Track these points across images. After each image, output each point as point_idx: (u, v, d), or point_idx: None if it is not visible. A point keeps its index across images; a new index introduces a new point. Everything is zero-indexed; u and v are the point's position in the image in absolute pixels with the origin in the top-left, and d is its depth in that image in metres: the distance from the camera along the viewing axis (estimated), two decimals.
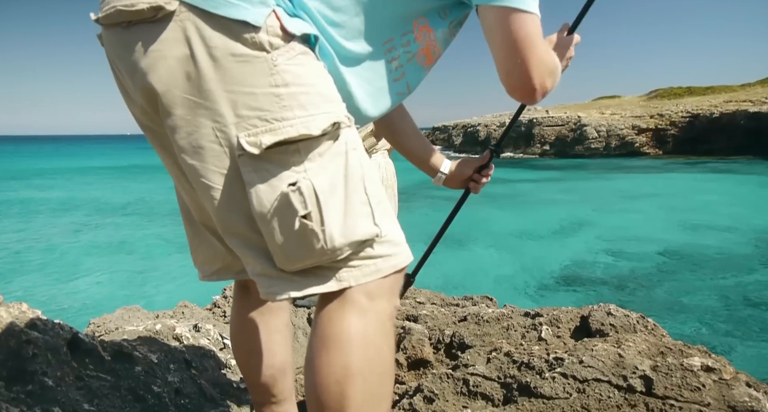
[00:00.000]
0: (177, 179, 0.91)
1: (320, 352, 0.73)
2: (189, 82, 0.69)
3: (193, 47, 0.68)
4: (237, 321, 1.08)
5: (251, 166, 0.70)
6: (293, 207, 0.69)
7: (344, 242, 0.71)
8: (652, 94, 48.87)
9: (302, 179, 0.69)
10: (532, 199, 18.08)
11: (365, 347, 0.73)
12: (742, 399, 1.20)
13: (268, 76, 0.69)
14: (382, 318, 0.75)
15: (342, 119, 0.73)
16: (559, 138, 39.16)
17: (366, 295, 0.74)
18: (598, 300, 7.35)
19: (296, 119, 0.69)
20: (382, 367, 0.75)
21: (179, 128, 0.72)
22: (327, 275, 0.73)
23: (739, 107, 33.80)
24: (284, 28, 0.70)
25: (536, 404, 1.32)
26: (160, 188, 24.42)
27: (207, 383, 1.56)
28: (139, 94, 0.74)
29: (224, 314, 2.90)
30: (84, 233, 14.28)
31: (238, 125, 0.69)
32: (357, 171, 0.74)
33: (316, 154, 0.71)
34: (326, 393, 0.71)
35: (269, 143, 0.68)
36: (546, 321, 1.73)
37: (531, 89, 0.83)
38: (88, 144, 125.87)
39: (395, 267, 0.76)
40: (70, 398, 1.14)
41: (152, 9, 0.68)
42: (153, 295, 8.69)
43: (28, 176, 32.27)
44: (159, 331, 1.69)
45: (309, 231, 0.69)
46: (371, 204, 0.75)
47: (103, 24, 0.75)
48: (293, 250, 0.71)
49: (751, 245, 11.24)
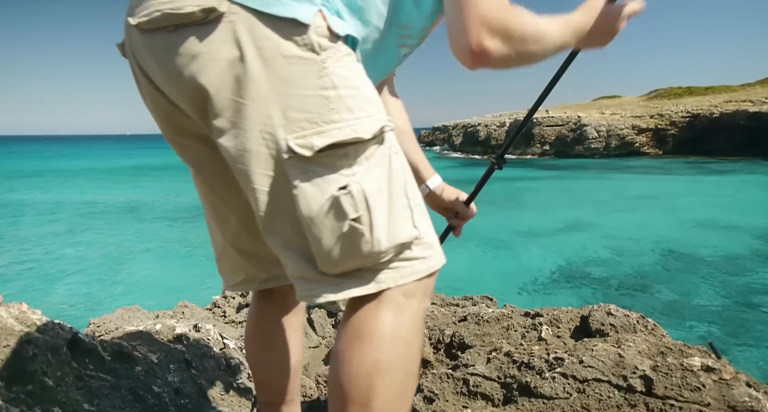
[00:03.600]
0: (202, 191, 0.93)
1: (352, 345, 0.73)
2: (238, 83, 0.69)
3: (243, 48, 0.68)
4: (254, 319, 1.08)
5: (299, 169, 0.69)
6: (344, 210, 0.69)
7: (389, 245, 0.72)
8: (652, 94, 48.90)
9: (353, 183, 0.69)
10: (532, 199, 18.08)
11: (397, 344, 0.73)
12: (742, 399, 1.20)
13: (318, 79, 0.69)
14: (416, 317, 0.76)
15: (386, 123, 0.74)
16: (559, 138, 39.17)
17: (403, 294, 0.75)
18: (598, 300, 7.36)
19: (344, 122, 0.70)
20: (410, 365, 0.76)
21: (227, 131, 0.71)
22: (366, 276, 0.73)
23: (739, 107, 33.81)
24: (330, 28, 0.70)
25: (536, 404, 1.32)
26: (160, 189, 24.42)
27: (207, 383, 1.56)
28: (186, 99, 0.73)
29: (224, 314, 2.90)
30: (84, 232, 14.28)
31: (286, 127, 0.69)
32: (400, 174, 0.75)
33: (363, 157, 0.71)
34: (354, 385, 0.72)
35: (322, 146, 0.68)
36: (546, 321, 1.73)
37: (466, 48, 0.73)
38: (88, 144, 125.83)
39: (430, 269, 0.77)
40: (70, 398, 1.14)
41: (204, 11, 0.67)
42: (153, 295, 8.68)
43: (28, 177, 32.28)
44: (159, 331, 1.69)
45: (358, 234, 0.70)
46: (411, 207, 0.76)
47: (143, 29, 0.73)
48: (339, 253, 0.71)
49: (751, 244, 11.24)
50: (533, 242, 12.08)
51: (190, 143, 0.86)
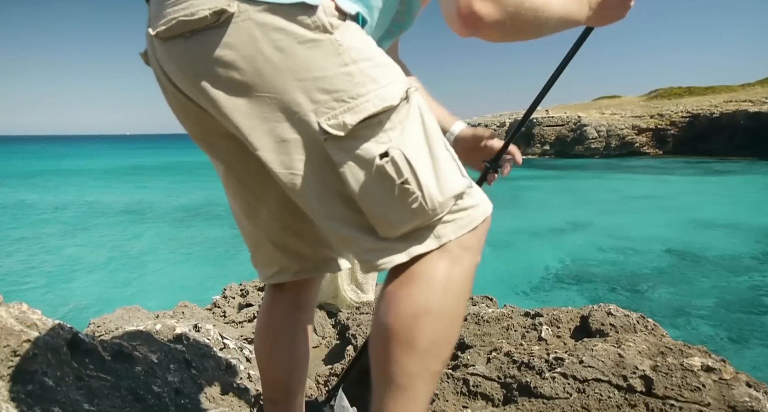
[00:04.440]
0: (232, 188, 0.94)
1: (404, 286, 0.75)
2: (261, 78, 0.70)
3: (258, 44, 0.69)
4: (265, 315, 1.09)
5: (339, 148, 0.71)
6: (390, 176, 0.70)
7: (442, 199, 0.73)
8: (652, 94, 48.90)
9: (391, 149, 0.70)
10: (532, 199, 18.08)
11: (448, 291, 0.75)
12: (742, 399, 1.20)
13: (336, 57, 0.70)
14: (468, 271, 0.78)
15: (410, 85, 0.75)
16: (559, 138, 39.18)
17: (460, 246, 0.76)
18: (598, 300, 7.35)
19: (370, 93, 0.71)
20: (456, 313, 0.78)
21: (258, 128, 0.72)
22: (425, 234, 0.75)
23: (739, 107, 33.83)
24: (339, 7, 0.71)
25: (536, 404, 1.32)
26: (161, 189, 24.44)
27: (207, 383, 1.56)
28: (211, 102, 0.74)
29: (224, 314, 2.90)
30: (84, 233, 14.29)
31: (316, 111, 0.70)
32: (435, 131, 0.76)
33: (396, 122, 0.72)
34: (399, 324, 0.73)
35: (354, 123, 0.69)
36: (546, 321, 1.73)
37: (455, 12, 0.72)
38: (88, 144, 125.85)
39: (484, 214, 0.79)
40: (70, 398, 1.14)
41: (215, 14, 0.68)
42: (153, 295, 8.69)
43: (28, 177, 32.29)
44: (159, 331, 1.69)
45: (410, 195, 0.71)
46: (455, 158, 0.77)
47: (162, 37, 0.75)
48: (398, 216, 0.72)
49: (751, 244, 11.25)
50: (533, 241, 12.08)
51: (221, 142, 0.87)
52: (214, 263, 11.00)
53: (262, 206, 0.94)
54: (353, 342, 1.98)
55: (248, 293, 3.08)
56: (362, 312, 2.27)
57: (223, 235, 13.34)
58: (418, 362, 0.74)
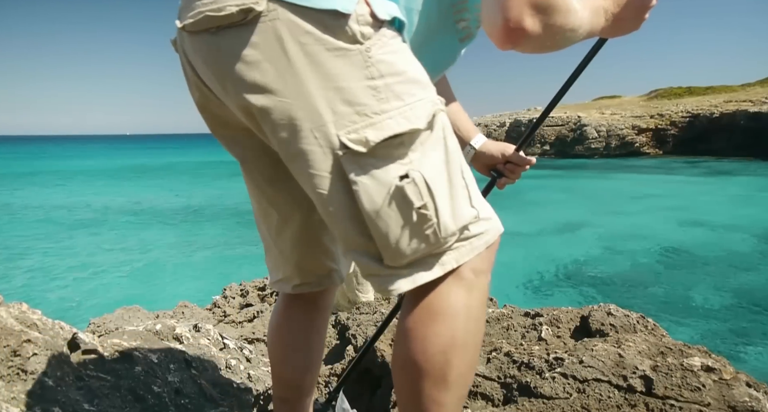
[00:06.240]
0: (248, 186, 0.94)
1: (426, 323, 0.74)
2: (283, 82, 0.67)
3: (285, 46, 0.66)
4: (280, 317, 1.08)
5: (356, 164, 0.68)
6: (409, 199, 0.68)
7: (455, 228, 0.72)
8: (652, 94, 48.88)
9: (412, 170, 0.68)
10: (532, 199, 18.08)
11: (470, 321, 0.75)
12: (742, 399, 1.20)
13: (364, 69, 0.68)
14: (484, 293, 0.78)
15: (437, 104, 0.73)
16: (559, 138, 39.16)
17: (472, 271, 0.76)
18: (598, 300, 7.36)
19: (394, 111, 0.68)
20: (479, 338, 0.79)
21: (276, 133, 0.70)
22: (431, 262, 0.73)
23: (739, 107, 33.81)
24: (374, 14, 0.68)
25: (536, 404, 1.32)
26: (161, 189, 24.44)
27: (207, 383, 1.56)
28: (233, 100, 0.73)
29: (224, 314, 2.90)
30: (84, 233, 14.29)
31: (336, 123, 0.67)
32: (456, 156, 0.74)
33: (418, 143, 0.70)
34: (431, 362, 0.73)
35: (378, 140, 0.67)
36: (546, 321, 1.73)
37: (501, 24, 0.67)
38: (88, 144, 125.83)
39: (488, 243, 0.78)
40: (70, 398, 1.14)
41: (242, 12, 0.66)
42: (153, 295, 8.69)
43: (28, 177, 32.30)
44: (159, 331, 1.69)
45: (426, 222, 0.69)
46: (468, 187, 0.76)
47: (189, 31, 0.73)
48: (408, 243, 0.70)
49: (751, 244, 11.25)
50: (533, 241, 12.08)
51: (239, 137, 0.86)
52: (214, 263, 11.00)
53: (273, 210, 0.92)
54: (353, 342, 1.98)
55: (248, 293, 3.09)
56: (362, 312, 2.27)
57: (224, 235, 13.36)
58: (450, 395, 0.75)
